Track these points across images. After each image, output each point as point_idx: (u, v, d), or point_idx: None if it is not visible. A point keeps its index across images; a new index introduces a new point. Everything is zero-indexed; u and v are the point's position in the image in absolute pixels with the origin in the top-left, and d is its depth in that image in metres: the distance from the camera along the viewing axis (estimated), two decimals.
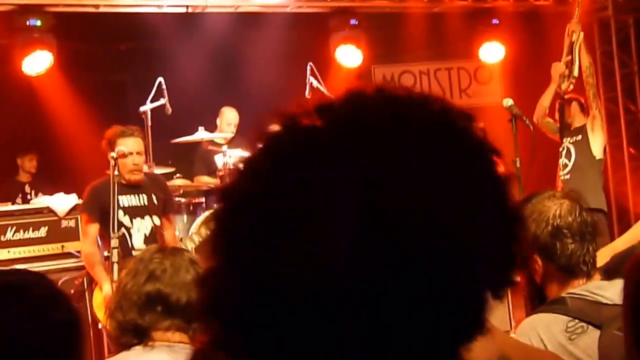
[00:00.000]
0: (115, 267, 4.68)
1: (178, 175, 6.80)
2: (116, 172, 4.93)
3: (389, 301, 0.68)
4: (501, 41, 8.92)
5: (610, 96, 8.98)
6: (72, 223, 5.90)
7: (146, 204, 5.41)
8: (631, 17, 9.30)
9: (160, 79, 6.47)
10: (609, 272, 2.29)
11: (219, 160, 7.00)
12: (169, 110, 6.51)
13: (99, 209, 5.18)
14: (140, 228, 5.32)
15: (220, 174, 6.93)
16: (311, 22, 8.65)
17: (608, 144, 6.73)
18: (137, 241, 5.27)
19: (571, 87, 5.72)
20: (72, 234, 5.87)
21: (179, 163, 7.04)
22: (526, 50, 9.17)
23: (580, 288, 2.22)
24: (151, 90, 6.50)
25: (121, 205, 5.26)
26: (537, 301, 2.30)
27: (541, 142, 5.79)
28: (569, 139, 5.81)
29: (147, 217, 5.39)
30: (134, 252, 5.00)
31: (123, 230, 5.21)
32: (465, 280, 0.72)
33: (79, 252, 5.68)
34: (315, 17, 8.46)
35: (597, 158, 5.85)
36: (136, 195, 5.39)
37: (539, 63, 8.95)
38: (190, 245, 5.36)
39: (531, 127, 5.68)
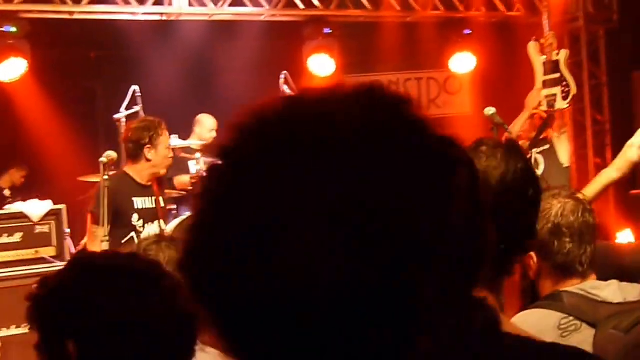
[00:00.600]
0: None
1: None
2: (105, 177, 4.73)
3: (359, 303, 0.70)
4: (472, 51, 9.05)
5: (578, 107, 9.11)
6: (46, 229, 5.91)
7: (154, 206, 5.24)
8: (602, 28, 9.46)
9: (135, 87, 6.51)
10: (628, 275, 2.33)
11: (193, 167, 7.08)
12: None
13: (111, 210, 4.83)
14: (151, 234, 5.15)
15: (194, 181, 7.00)
16: (285, 30, 8.72)
17: (575, 154, 6.84)
18: None
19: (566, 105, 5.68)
20: (46, 240, 5.87)
21: None
22: (497, 61, 9.31)
23: (577, 286, 2.20)
24: (122, 98, 6.53)
25: (135, 208, 5.06)
26: (529, 297, 2.29)
27: None
28: (536, 149, 5.89)
29: (156, 222, 5.20)
30: None
31: (133, 234, 4.98)
32: (425, 280, 0.72)
33: (52, 257, 5.69)
34: (288, 26, 8.53)
35: (564, 166, 5.92)
36: (149, 198, 5.20)
37: (509, 74, 9.10)
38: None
39: (512, 135, 5.74)
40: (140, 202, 5.13)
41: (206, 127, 7.55)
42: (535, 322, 2.10)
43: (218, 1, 7.66)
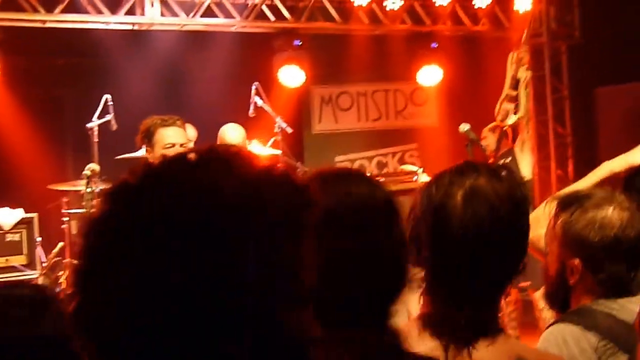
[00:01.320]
0: None
1: None
2: (89, 190, 4.51)
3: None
4: (439, 64, 9.22)
5: (541, 119, 9.34)
6: (17, 237, 5.93)
7: None
8: (564, 44, 9.72)
9: (107, 95, 6.56)
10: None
11: None
12: (115, 126, 6.60)
13: None
14: None
15: None
16: (256, 41, 8.82)
17: (537, 165, 7.00)
18: None
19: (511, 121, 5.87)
20: (17, 248, 5.89)
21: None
22: (463, 74, 9.51)
23: (609, 305, 2.05)
24: (93, 106, 6.58)
25: None
26: (559, 304, 2.17)
27: None
28: (497, 162, 6.01)
29: None
30: None
31: None
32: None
33: (23, 265, 5.71)
34: (259, 37, 8.63)
35: (526, 178, 5.98)
36: None
37: (474, 86, 9.31)
38: None
39: (487, 151, 5.87)
40: None
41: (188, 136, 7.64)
42: (575, 342, 1.99)
43: (190, 11, 7.75)
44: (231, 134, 5.31)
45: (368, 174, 1.97)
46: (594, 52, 9.52)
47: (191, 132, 7.63)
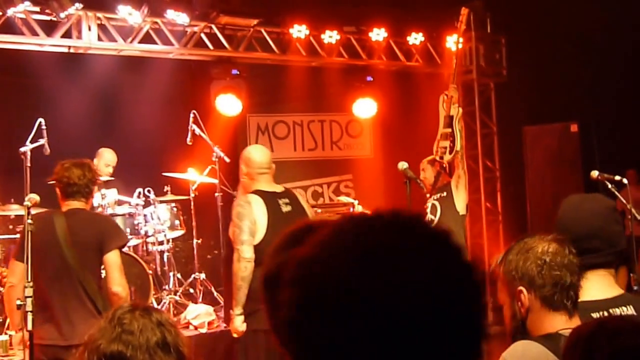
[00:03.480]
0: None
1: None
2: (29, 220, 4.27)
3: None
4: (374, 97, 9.42)
5: (471, 154, 9.61)
6: None
7: None
8: (492, 81, 10.07)
9: (41, 119, 6.47)
10: None
11: (96, 200, 7.04)
12: (48, 151, 6.50)
13: None
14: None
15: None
16: (194, 69, 8.83)
17: (468, 198, 7.17)
18: None
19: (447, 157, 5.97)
20: None
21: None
22: (397, 107, 9.72)
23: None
24: (25, 129, 6.46)
25: None
26: (520, 336, 2.31)
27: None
28: (434, 196, 6.13)
29: None
30: None
31: None
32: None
33: None
34: (197, 65, 8.64)
35: (460, 214, 6.06)
36: None
37: (408, 120, 9.52)
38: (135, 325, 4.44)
39: (425, 189, 5.97)
40: None
41: (103, 160, 7.55)
42: (535, 357, 2.18)
43: (128, 37, 7.72)
44: (257, 155, 5.15)
45: None
46: (520, 91, 9.87)
47: (110, 156, 7.59)
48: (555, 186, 9.16)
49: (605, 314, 2.14)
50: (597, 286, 2.34)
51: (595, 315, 2.19)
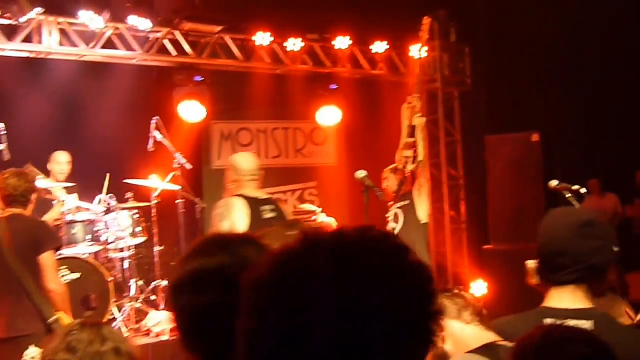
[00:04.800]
0: None
1: None
2: None
3: None
4: (338, 105, 9.44)
5: (434, 162, 9.67)
6: None
7: None
8: (456, 90, 10.15)
9: (1, 124, 6.36)
10: None
11: (65, 207, 6.99)
12: (8, 156, 6.39)
13: None
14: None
15: (58, 222, 6.87)
16: (157, 75, 8.77)
17: (431, 207, 7.21)
18: None
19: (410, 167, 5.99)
20: None
21: None
22: (361, 115, 9.75)
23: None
24: None
25: None
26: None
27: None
28: (397, 204, 6.14)
29: None
30: None
31: None
32: None
33: None
34: (160, 71, 8.58)
35: (422, 222, 6.08)
36: None
37: (372, 128, 9.54)
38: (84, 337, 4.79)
39: (385, 197, 5.95)
40: None
41: (56, 160, 7.46)
42: None
43: (90, 42, 7.63)
44: (246, 162, 5.15)
45: None
46: (483, 100, 9.97)
47: (62, 156, 7.49)
48: (516, 196, 9.24)
49: (558, 322, 2.14)
50: (562, 296, 2.34)
51: (548, 321, 2.20)
